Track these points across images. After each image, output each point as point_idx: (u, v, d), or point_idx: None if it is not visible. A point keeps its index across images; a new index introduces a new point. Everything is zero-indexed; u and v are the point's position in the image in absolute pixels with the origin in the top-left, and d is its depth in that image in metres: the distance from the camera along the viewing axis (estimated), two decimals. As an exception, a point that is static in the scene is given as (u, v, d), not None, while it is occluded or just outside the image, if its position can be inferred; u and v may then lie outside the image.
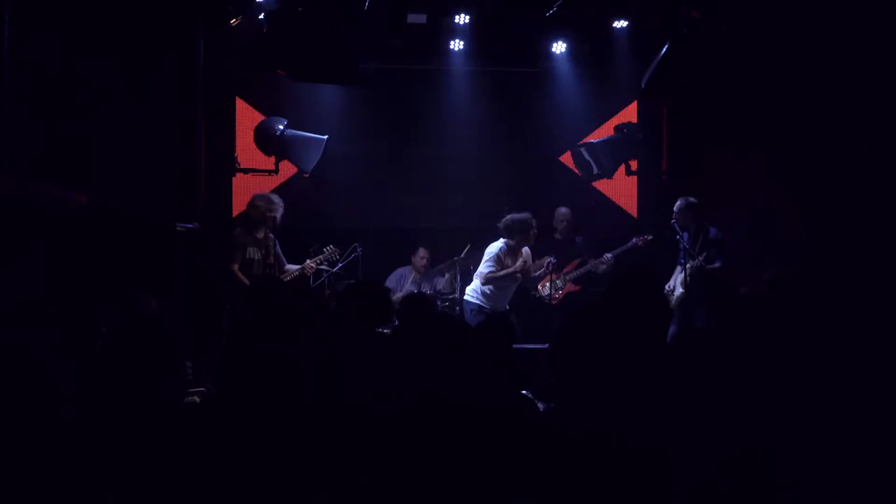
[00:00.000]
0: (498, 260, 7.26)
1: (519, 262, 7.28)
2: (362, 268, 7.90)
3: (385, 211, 9.05)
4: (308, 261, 7.14)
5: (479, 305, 7.31)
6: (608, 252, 7.93)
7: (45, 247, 4.84)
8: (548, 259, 7.57)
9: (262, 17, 7.24)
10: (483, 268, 7.32)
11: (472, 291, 7.41)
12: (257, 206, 6.99)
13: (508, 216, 7.31)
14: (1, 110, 4.52)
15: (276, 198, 7.12)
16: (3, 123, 4.53)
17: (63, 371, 2.94)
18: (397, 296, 7.48)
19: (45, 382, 2.83)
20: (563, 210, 8.22)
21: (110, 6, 6.03)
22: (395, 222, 9.01)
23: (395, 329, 4.37)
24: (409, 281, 8.38)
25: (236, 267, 6.79)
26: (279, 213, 7.00)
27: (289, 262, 7.16)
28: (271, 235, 7.03)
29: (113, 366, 2.88)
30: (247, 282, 6.73)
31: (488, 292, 7.31)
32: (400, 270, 8.50)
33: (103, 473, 2.42)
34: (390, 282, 8.30)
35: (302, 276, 7.12)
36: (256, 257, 6.88)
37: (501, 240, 7.31)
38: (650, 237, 7.93)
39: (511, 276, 7.28)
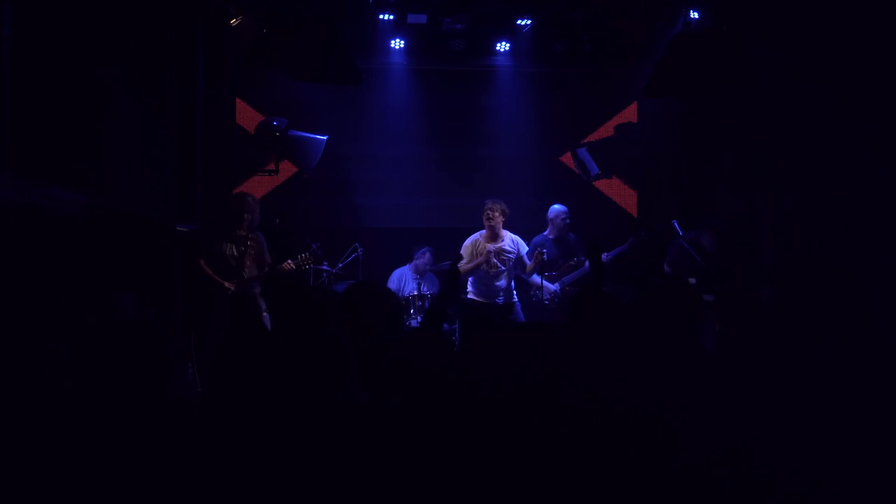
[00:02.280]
0: (465, 250, 7.31)
1: (481, 258, 7.25)
2: (362, 268, 7.90)
3: (385, 211, 9.06)
4: (288, 261, 6.94)
5: (470, 298, 7.34)
6: (604, 253, 7.84)
7: (44, 247, 4.84)
8: (541, 250, 7.47)
9: (262, 17, 7.23)
10: None
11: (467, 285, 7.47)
12: (228, 206, 6.97)
13: None
14: (1, 110, 4.51)
15: (250, 197, 7.00)
16: (2, 124, 4.52)
17: (62, 370, 2.94)
18: (402, 296, 7.51)
19: (46, 383, 2.82)
20: (556, 207, 8.03)
21: (110, 6, 6.03)
22: (394, 222, 9.02)
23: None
24: (411, 280, 8.34)
25: (202, 262, 6.73)
26: (251, 213, 6.82)
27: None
28: (259, 234, 6.93)
29: (93, 366, 2.87)
30: (210, 275, 6.68)
31: (473, 281, 7.39)
32: (400, 270, 8.47)
33: (89, 471, 2.41)
34: (391, 283, 8.27)
35: (283, 271, 6.90)
36: (234, 253, 6.78)
37: None
38: (644, 235, 7.77)
39: (476, 267, 7.24)
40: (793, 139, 7.37)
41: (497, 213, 7.25)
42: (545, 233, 7.95)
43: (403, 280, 8.34)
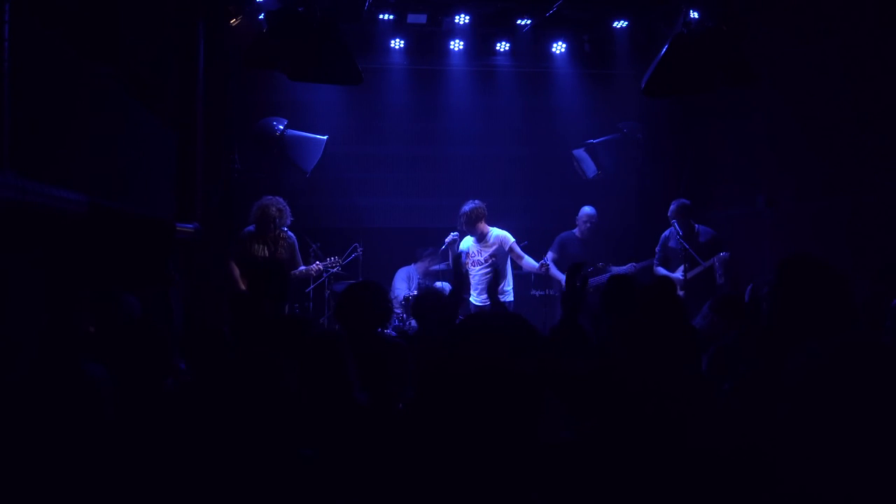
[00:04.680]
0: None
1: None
2: (362, 268, 7.90)
3: (385, 211, 9.06)
4: (316, 263, 7.28)
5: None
6: (633, 262, 7.66)
7: (44, 247, 4.84)
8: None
9: (262, 17, 7.24)
10: None
11: None
12: (254, 215, 7.15)
13: None
14: (1, 110, 4.51)
15: (272, 207, 7.13)
16: (2, 123, 4.52)
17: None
18: (411, 294, 7.52)
19: (45, 382, 2.83)
20: (588, 209, 7.81)
21: (110, 5, 6.02)
22: (394, 222, 9.02)
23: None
24: (420, 278, 8.22)
25: (232, 262, 7.00)
26: (279, 215, 7.06)
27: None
28: (290, 234, 7.15)
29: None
30: (236, 277, 6.91)
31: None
32: (406, 269, 8.39)
33: (92, 468, 2.41)
34: (400, 282, 8.21)
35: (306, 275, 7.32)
36: (264, 254, 7.04)
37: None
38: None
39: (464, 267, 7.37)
40: (793, 138, 7.36)
41: (461, 222, 7.35)
42: (574, 231, 7.78)
43: (412, 279, 8.22)
